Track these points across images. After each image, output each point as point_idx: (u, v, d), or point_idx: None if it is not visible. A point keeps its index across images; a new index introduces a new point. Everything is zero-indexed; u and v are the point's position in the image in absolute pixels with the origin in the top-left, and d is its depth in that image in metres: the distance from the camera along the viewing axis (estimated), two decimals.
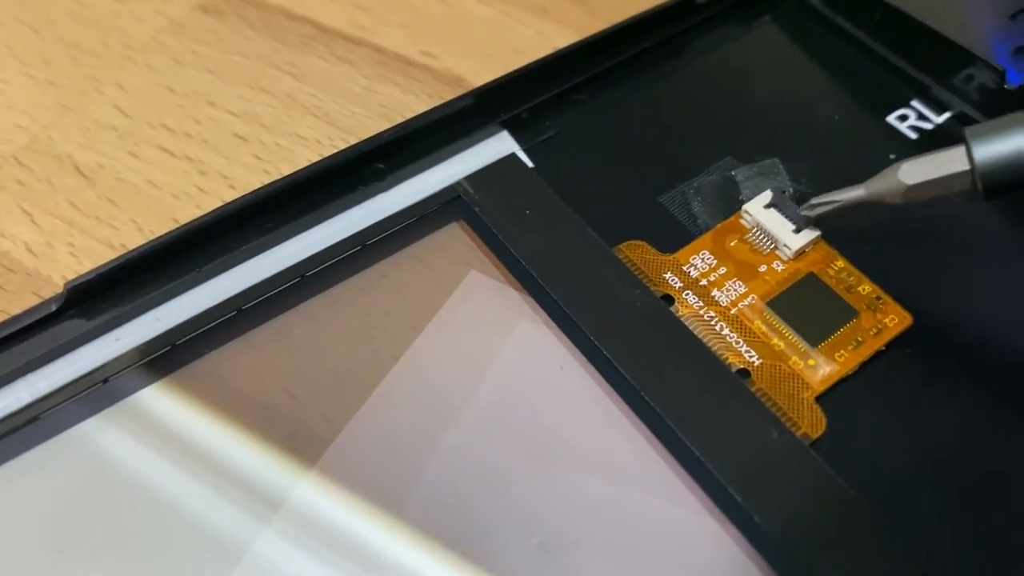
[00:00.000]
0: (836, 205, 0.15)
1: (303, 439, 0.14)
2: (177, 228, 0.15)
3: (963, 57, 0.17)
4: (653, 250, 0.15)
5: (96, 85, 0.19)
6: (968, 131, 0.14)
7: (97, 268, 0.15)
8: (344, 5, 0.21)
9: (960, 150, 0.14)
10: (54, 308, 0.14)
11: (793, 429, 0.13)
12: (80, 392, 0.14)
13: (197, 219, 0.15)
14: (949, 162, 0.14)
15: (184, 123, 0.19)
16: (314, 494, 0.14)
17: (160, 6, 0.21)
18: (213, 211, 0.15)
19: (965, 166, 0.13)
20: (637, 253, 0.15)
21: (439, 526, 0.13)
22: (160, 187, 0.18)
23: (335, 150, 0.16)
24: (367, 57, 0.20)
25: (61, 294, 0.15)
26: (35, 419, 0.14)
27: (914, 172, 0.14)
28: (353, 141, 0.16)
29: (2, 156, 0.18)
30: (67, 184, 0.18)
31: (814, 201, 0.15)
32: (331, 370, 0.15)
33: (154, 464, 0.14)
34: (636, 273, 0.15)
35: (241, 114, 0.19)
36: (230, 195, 0.17)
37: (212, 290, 0.15)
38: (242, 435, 0.14)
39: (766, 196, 0.15)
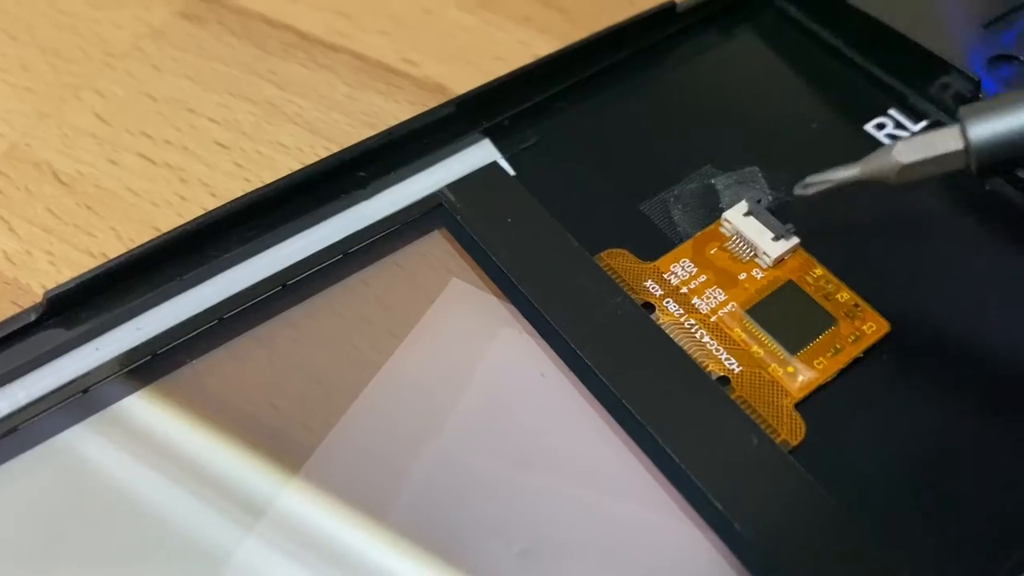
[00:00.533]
0: (830, 185, 0.15)
1: (286, 447, 0.14)
2: (158, 237, 0.15)
3: (939, 66, 0.17)
4: (634, 258, 0.15)
5: (75, 92, 0.19)
6: (963, 110, 0.14)
7: (77, 277, 0.15)
8: (325, 12, 0.21)
9: (955, 129, 0.14)
10: (33, 317, 0.14)
11: (773, 436, 0.13)
12: (60, 402, 0.14)
13: (178, 228, 0.15)
14: (943, 141, 0.14)
15: (164, 130, 0.19)
16: (297, 501, 0.14)
17: (140, 12, 0.21)
18: (194, 219, 0.15)
19: (959, 145, 0.14)
20: (618, 261, 0.15)
21: (422, 533, 0.13)
22: (140, 195, 0.17)
23: (317, 158, 0.16)
24: (348, 64, 0.20)
25: (40, 303, 0.14)
26: (14, 430, 0.14)
27: (908, 151, 0.14)
28: (335, 149, 0.16)
29: None
30: (45, 191, 0.18)
31: (808, 180, 0.15)
32: (313, 378, 0.15)
33: (136, 473, 0.14)
34: (617, 281, 0.15)
35: (222, 121, 0.19)
36: (211, 203, 0.17)
37: (194, 299, 0.15)
38: (224, 443, 0.14)
39: (744, 205, 0.16)
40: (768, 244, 0.15)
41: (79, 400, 0.14)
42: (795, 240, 0.15)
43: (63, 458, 0.14)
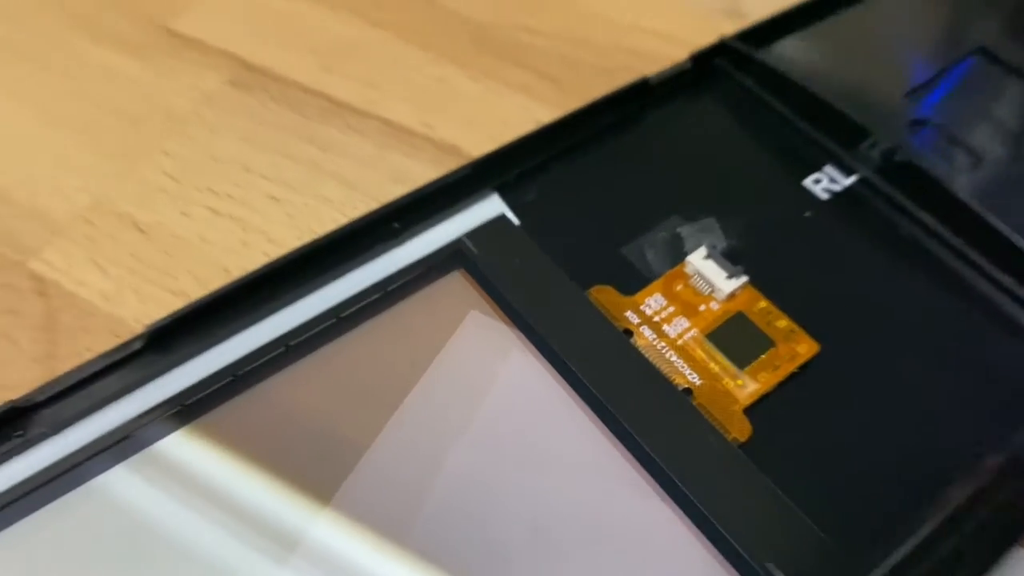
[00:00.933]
0: None
1: (319, 473, 0.17)
2: (235, 280, 0.19)
3: (863, 131, 0.21)
4: (617, 293, 0.19)
5: (146, 153, 0.23)
6: None
7: (173, 313, 0.18)
8: (354, 81, 0.24)
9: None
10: (138, 346, 0.18)
11: (725, 434, 0.17)
12: (157, 418, 0.18)
13: (250, 273, 0.19)
14: None
15: (225, 186, 0.22)
16: (329, 531, 0.16)
17: (195, 82, 0.25)
18: (261, 267, 0.19)
19: None
20: (604, 296, 0.19)
21: (447, 554, 0.16)
22: (210, 242, 0.21)
23: (355, 210, 0.20)
24: (376, 128, 0.23)
25: (143, 335, 0.18)
26: (127, 437, 0.17)
27: None
28: (369, 201, 0.20)
29: (72, 215, 0.22)
30: (128, 239, 0.21)
31: None
32: (355, 397, 0.18)
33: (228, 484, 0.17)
34: (603, 312, 0.19)
35: (273, 178, 0.22)
36: (270, 248, 0.21)
37: (265, 328, 0.19)
38: (263, 475, 0.17)
39: (703, 250, 0.19)
40: (722, 282, 0.19)
41: (174, 415, 0.18)
42: (744, 279, 0.19)
43: (161, 462, 0.17)
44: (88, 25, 0.26)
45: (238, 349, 0.18)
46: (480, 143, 0.21)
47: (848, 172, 0.22)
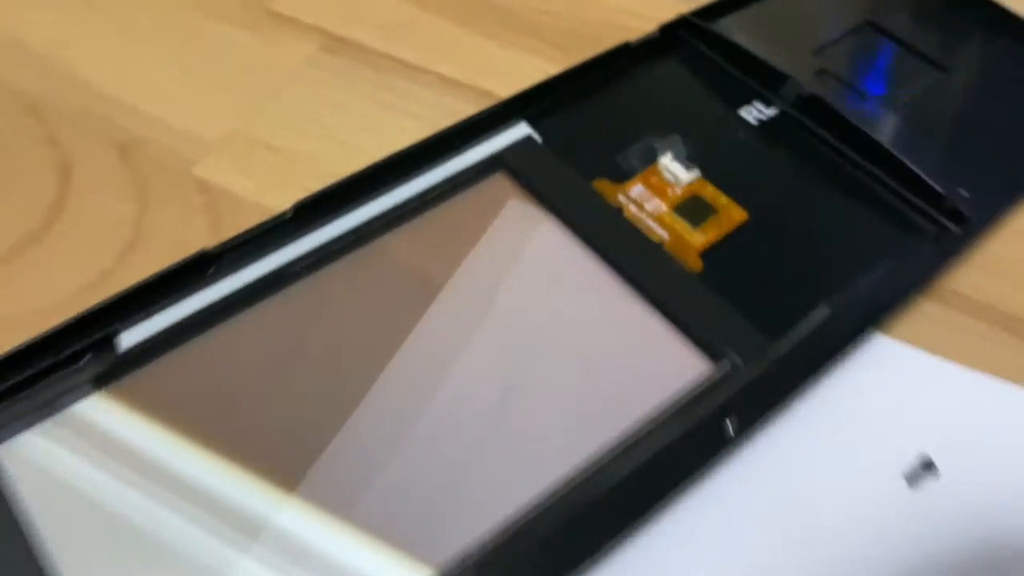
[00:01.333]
0: None
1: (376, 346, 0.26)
2: (344, 178, 0.27)
3: (782, 76, 0.30)
4: (611, 184, 0.28)
5: (267, 98, 0.31)
6: None
7: (307, 197, 0.27)
8: (414, 48, 0.33)
9: None
10: (288, 216, 0.26)
11: (686, 268, 0.26)
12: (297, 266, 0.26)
13: (353, 174, 0.27)
14: None
15: (327, 122, 0.31)
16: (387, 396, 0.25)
17: (296, 47, 0.33)
18: (362, 169, 0.27)
19: None
20: (603, 186, 0.28)
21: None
22: (321, 157, 0.30)
23: (422, 134, 0.29)
24: (433, 81, 0.32)
25: (290, 209, 0.26)
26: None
27: None
28: (432, 129, 0.28)
29: (219, 138, 0.30)
30: (262, 155, 0.30)
31: None
32: (414, 279, 0.27)
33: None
34: (602, 196, 0.28)
35: (361, 115, 0.31)
36: (364, 159, 0.29)
37: (360, 213, 0.27)
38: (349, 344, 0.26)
39: (670, 155, 0.28)
40: (682, 175, 0.28)
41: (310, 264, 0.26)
42: (697, 173, 0.28)
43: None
44: (206, 7, 0.34)
45: (352, 221, 0.27)
46: (509, 89, 0.30)
47: (770, 105, 0.31)
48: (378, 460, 0.22)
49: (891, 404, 0.24)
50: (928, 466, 0.23)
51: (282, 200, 0.27)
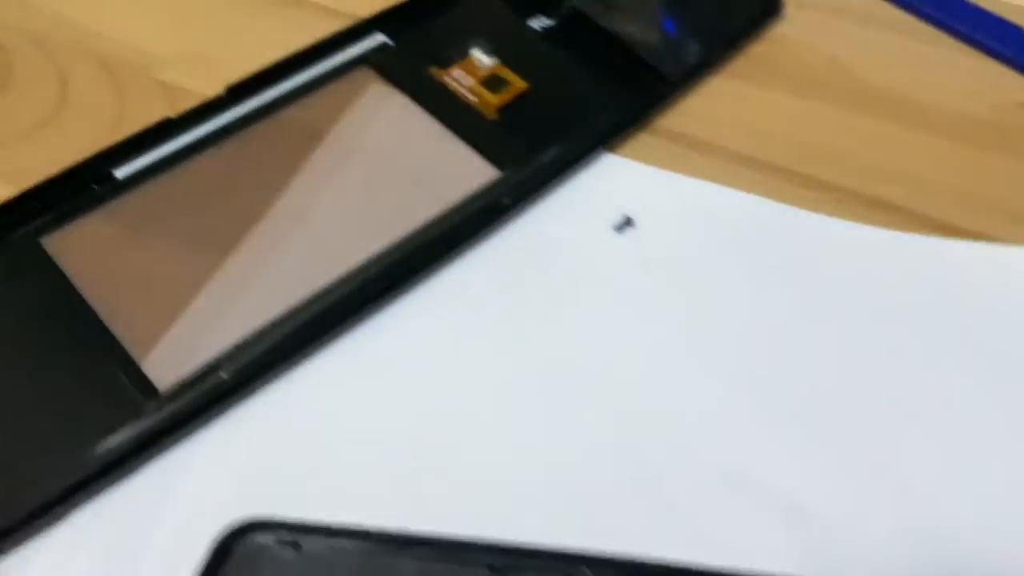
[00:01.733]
0: None
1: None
2: (258, 70, 0.41)
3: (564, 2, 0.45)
4: (440, 69, 0.42)
5: (204, 23, 0.45)
6: None
7: (239, 81, 0.40)
8: None
9: None
10: (224, 96, 0.40)
11: (487, 117, 0.40)
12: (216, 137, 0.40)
13: (254, 72, 0.41)
14: None
15: (231, 32, 0.44)
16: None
17: None
18: (258, 70, 0.41)
19: None
20: (436, 71, 0.42)
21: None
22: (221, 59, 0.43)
23: (301, 44, 0.42)
24: (318, 10, 0.46)
25: (223, 92, 0.40)
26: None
27: None
28: (310, 39, 0.42)
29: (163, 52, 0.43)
30: (202, 64, 0.43)
31: None
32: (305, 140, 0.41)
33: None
34: (435, 77, 0.42)
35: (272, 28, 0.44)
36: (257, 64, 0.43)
37: (260, 99, 0.41)
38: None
39: (479, 51, 0.43)
40: (486, 62, 0.42)
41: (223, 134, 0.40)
42: (496, 60, 0.42)
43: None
44: None
45: (263, 99, 0.41)
46: (372, 11, 0.44)
47: (551, 18, 0.45)
48: (235, 274, 0.36)
49: (611, 189, 0.39)
50: (629, 221, 0.38)
51: (216, 89, 0.41)
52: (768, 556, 0.28)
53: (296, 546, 0.24)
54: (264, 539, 0.24)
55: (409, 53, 0.43)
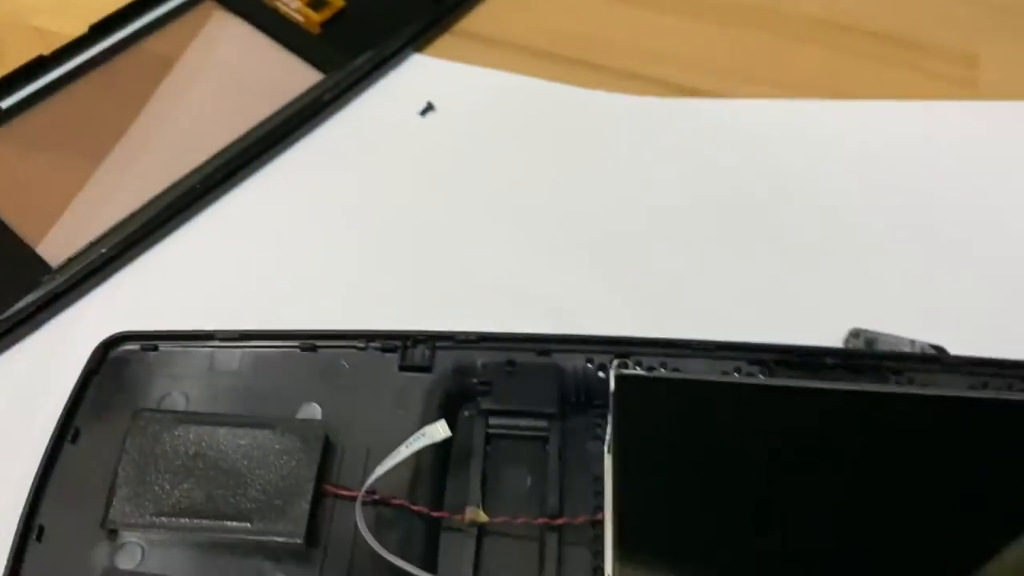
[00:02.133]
0: None
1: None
2: (114, 11, 0.48)
3: None
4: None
5: None
6: None
7: (98, 20, 0.48)
8: None
9: None
10: (87, 33, 0.47)
11: (312, 33, 0.48)
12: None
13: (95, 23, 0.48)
14: None
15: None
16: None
17: None
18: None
19: None
20: (274, 0, 0.50)
21: None
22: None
23: None
24: None
25: (88, 30, 0.47)
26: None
27: None
28: None
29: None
30: (66, 8, 0.50)
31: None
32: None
33: None
34: (268, 4, 0.50)
35: None
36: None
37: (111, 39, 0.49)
38: None
39: None
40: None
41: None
42: None
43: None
44: None
45: (121, 34, 0.48)
46: None
47: None
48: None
49: (418, 83, 0.48)
50: (430, 106, 0.46)
51: (82, 30, 0.48)
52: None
53: (156, 348, 0.33)
54: (130, 346, 0.33)
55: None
